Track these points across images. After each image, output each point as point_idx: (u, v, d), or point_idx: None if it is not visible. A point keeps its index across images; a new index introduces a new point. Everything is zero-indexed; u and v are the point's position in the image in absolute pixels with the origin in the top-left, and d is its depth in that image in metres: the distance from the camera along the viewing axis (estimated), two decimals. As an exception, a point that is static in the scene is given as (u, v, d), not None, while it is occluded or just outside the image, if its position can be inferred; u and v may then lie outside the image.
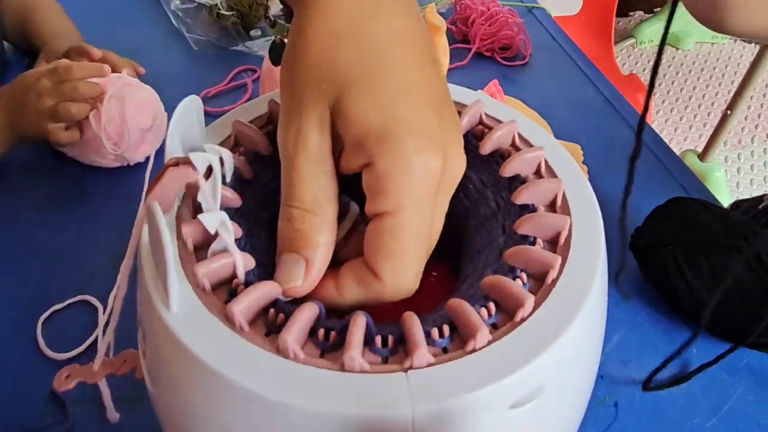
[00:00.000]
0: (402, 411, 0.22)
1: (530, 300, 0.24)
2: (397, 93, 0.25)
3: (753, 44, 2.16)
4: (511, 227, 0.30)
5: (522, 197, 0.30)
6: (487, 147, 0.32)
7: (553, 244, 0.28)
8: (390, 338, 0.24)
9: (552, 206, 0.29)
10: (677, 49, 2.19)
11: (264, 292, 0.25)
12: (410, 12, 0.28)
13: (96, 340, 0.46)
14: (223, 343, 0.23)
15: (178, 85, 0.74)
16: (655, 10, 2.30)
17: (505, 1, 0.86)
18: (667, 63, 2.14)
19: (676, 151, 1.38)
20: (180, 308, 0.24)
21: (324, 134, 0.26)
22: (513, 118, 0.33)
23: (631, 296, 0.51)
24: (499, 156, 0.32)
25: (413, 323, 0.24)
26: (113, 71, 0.62)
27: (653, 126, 0.74)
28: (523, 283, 0.26)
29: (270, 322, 0.25)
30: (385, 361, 0.23)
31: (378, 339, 0.24)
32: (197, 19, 0.84)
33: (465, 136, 0.33)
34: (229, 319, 0.24)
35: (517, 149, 0.32)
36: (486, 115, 0.34)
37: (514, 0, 0.90)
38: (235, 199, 0.30)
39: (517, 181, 0.31)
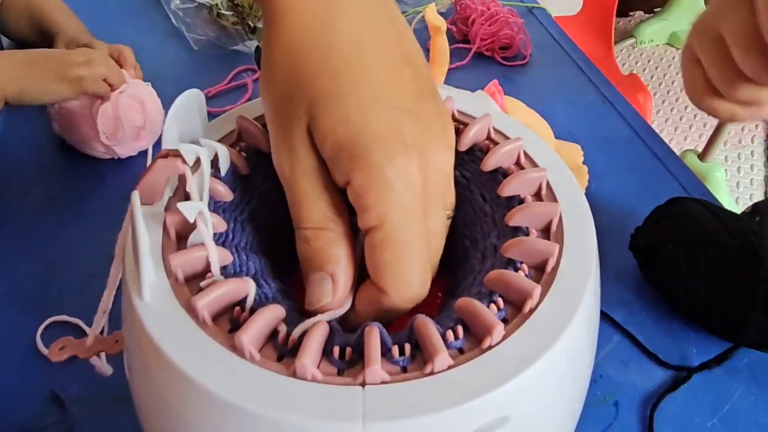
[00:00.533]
0: (351, 427, 0.21)
1: (499, 327, 0.23)
2: (362, 102, 0.25)
3: (753, 44, 2.16)
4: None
5: (515, 219, 0.29)
6: (489, 164, 0.31)
7: (539, 270, 0.27)
8: (348, 350, 0.24)
9: (546, 231, 0.28)
10: (677, 49, 2.19)
11: (233, 288, 0.25)
12: (381, 7, 0.27)
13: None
14: (183, 336, 0.23)
15: (178, 85, 0.74)
16: (655, 10, 2.30)
17: (505, 1, 0.86)
18: (667, 63, 2.14)
19: (676, 151, 1.38)
20: (152, 297, 0.24)
21: (313, 151, 0.26)
22: (519, 135, 0.32)
23: None
24: (501, 174, 0.31)
25: (372, 338, 0.23)
26: (119, 66, 0.63)
27: (653, 126, 0.74)
28: (499, 309, 0.25)
29: (234, 320, 0.24)
30: (340, 372, 0.23)
31: (336, 350, 0.23)
32: (197, 19, 0.84)
33: (471, 150, 0.33)
34: (193, 312, 0.24)
35: (521, 167, 0.31)
36: (494, 129, 0.33)
37: (514, 0, 0.90)
38: (226, 194, 0.30)
39: (515, 201, 0.30)
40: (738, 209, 1.56)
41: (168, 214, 0.27)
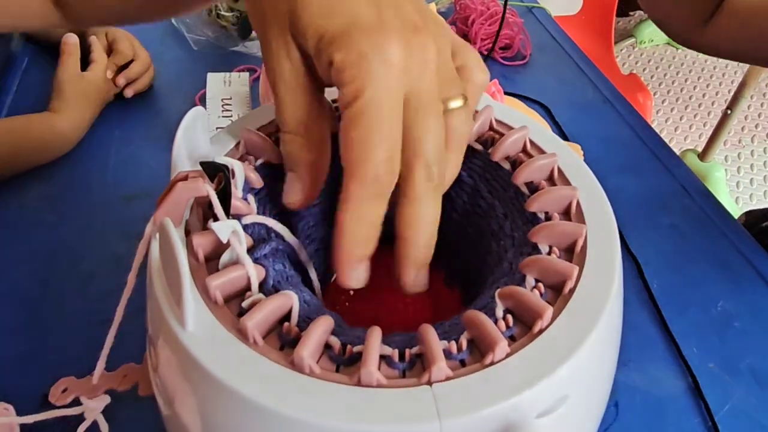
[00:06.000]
0: (429, 425, 0.21)
1: (549, 311, 0.24)
2: None
3: (753, 44, 2.16)
4: (522, 237, 0.29)
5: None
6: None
7: (569, 252, 0.27)
8: (407, 352, 0.24)
9: (566, 214, 0.29)
10: (677, 49, 2.19)
11: (277, 305, 0.24)
12: None
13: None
14: (237, 359, 0.23)
15: (178, 85, 0.74)
16: (655, 9, 2.30)
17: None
18: (668, 63, 2.14)
19: (676, 150, 1.38)
20: (194, 325, 0.24)
21: (293, 58, 0.27)
22: (524, 124, 0.33)
23: None
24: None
25: (431, 337, 0.23)
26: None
27: (653, 126, 0.74)
28: (540, 294, 0.26)
29: (284, 336, 0.24)
30: (402, 375, 0.23)
31: (395, 353, 0.23)
32: (197, 19, 0.84)
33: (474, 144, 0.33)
34: (242, 333, 0.23)
35: (529, 155, 0.31)
36: (497, 121, 0.33)
37: (514, 0, 0.90)
38: (246, 209, 0.29)
39: (529, 189, 0.30)
40: (738, 209, 1.56)
41: (195, 236, 0.26)
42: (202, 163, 0.27)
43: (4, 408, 0.32)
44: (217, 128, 0.62)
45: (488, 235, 0.32)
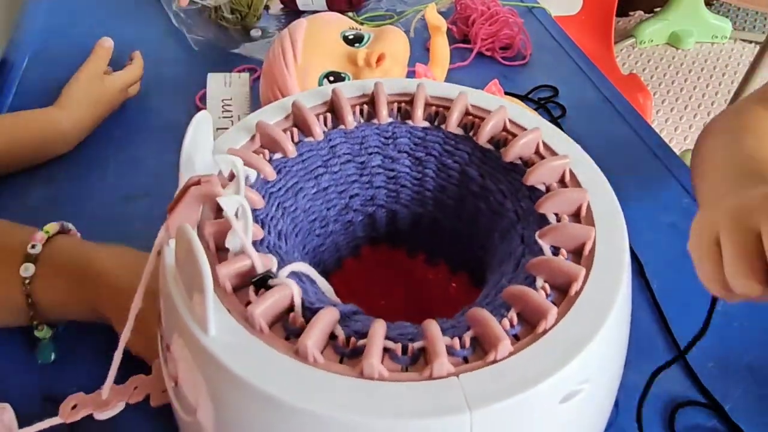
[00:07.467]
0: (460, 416, 0.21)
1: (553, 311, 0.24)
2: None
3: (753, 44, 2.16)
4: (531, 237, 0.29)
5: (545, 206, 0.29)
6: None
7: (577, 254, 0.27)
8: (410, 346, 0.24)
9: (576, 216, 0.29)
10: (677, 49, 2.19)
11: (284, 294, 0.24)
12: None
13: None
14: (243, 346, 0.23)
15: (178, 85, 0.74)
16: (655, 9, 2.30)
17: (505, 0, 0.86)
18: (667, 63, 2.14)
19: (676, 150, 1.38)
20: (216, 330, 0.24)
21: None
22: (537, 125, 0.33)
23: None
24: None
25: (434, 332, 0.24)
26: None
27: (653, 126, 0.74)
28: (546, 294, 0.26)
29: (289, 326, 0.24)
30: (405, 369, 0.23)
31: (398, 347, 0.24)
32: (198, 20, 0.84)
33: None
34: (249, 321, 0.24)
35: (542, 157, 0.31)
36: (510, 121, 0.34)
37: (514, 0, 0.90)
38: (258, 201, 0.29)
39: (539, 190, 0.31)
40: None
41: (207, 224, 0.26)
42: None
43: (1, 407, 0.32)
44: (217, 129, 0.62)
45: (497, 234, 0.33)
